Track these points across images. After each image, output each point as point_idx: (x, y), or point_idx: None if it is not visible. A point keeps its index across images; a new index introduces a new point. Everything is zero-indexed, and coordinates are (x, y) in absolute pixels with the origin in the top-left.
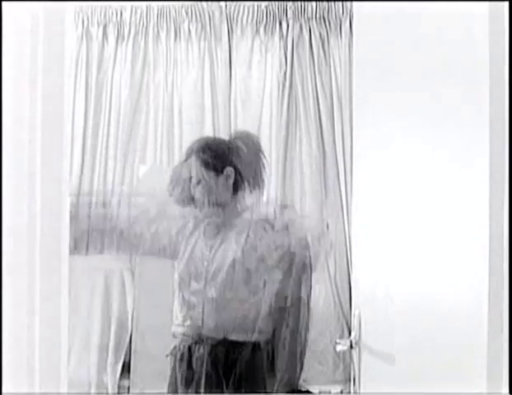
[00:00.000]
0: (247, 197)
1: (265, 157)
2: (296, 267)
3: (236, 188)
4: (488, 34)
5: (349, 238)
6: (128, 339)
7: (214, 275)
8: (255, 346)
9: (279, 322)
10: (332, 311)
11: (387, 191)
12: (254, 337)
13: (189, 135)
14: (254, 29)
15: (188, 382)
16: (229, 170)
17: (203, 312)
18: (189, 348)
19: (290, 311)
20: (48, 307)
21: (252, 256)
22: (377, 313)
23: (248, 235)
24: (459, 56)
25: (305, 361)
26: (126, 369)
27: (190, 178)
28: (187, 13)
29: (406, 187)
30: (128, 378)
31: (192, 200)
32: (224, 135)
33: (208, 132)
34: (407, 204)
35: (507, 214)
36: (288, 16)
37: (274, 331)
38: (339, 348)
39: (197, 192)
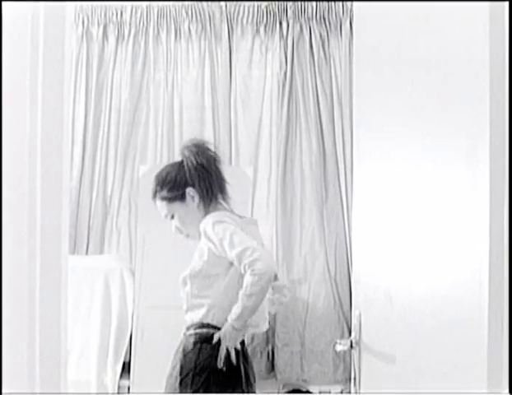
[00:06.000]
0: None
1: (217, 156)
2: None
3: (204, 199)
4: (488, 34)
5: (349, 238)
6: (127, 339)
7: (192, 271)
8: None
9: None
10: (332, 311)
11: (387, 191)
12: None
13: (189, 134)
14: (254, 29)
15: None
16: (190, 191)
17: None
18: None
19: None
20: (48, 307)
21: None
22: (377, 313)
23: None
24: (459, 56)
25: (305, 361)
26: (126, 369)
27: (166, 215)
28: (187, 13)
29: (406, 187)
30: (128, 378)
31: (177, 230)
32: (224, 134)
33: (208, 132)
34: (407, 204)
35: (507, 215)
36: (288, 15)
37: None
38: (339, 348)
39: (177, 224)
